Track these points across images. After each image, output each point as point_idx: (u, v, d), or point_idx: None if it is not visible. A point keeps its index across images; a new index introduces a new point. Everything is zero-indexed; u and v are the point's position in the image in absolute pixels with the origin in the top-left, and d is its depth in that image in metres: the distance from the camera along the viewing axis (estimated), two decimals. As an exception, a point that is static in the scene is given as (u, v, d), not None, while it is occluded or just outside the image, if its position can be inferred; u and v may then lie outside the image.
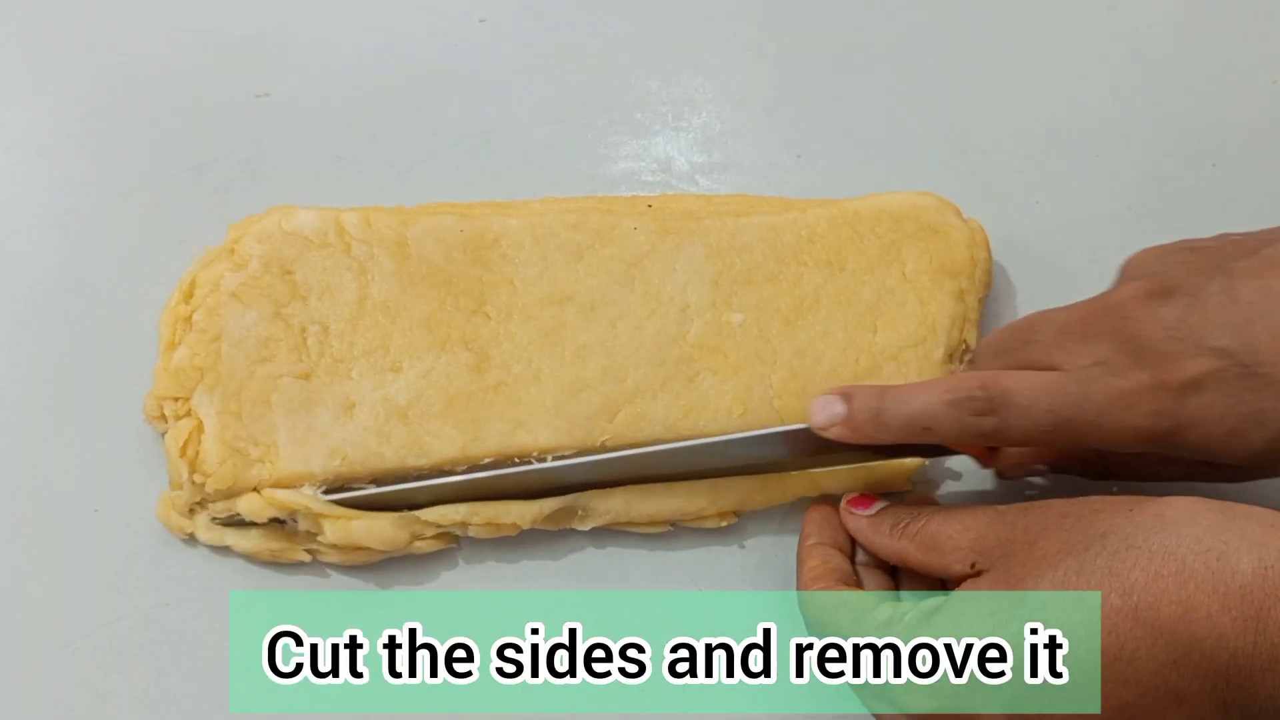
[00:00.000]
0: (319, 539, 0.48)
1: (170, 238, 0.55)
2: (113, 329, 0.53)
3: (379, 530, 0.47)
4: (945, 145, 0.59)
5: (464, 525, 0.48)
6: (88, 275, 0.54)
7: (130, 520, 0.49)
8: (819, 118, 0.60)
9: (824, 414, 0.44)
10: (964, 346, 0.52)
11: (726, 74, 0.61)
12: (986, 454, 0.47)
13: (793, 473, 0.50)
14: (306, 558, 0.48)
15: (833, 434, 0.44)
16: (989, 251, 0.54)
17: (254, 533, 0.48)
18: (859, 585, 0.45)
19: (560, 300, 0.51)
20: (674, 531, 0.50)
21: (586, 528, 0.49)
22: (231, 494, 0.48)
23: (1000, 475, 0.50)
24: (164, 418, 0.49)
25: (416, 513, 0.48)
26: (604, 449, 0.49)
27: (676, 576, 0.50)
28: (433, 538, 0.49)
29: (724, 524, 0.50)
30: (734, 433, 0.49)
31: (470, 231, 0.52)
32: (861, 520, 0.47)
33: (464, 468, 0.49)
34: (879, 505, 0.47)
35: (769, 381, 0.50)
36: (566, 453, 0.49)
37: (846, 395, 0.44)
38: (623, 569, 0.50)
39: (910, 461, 0.50)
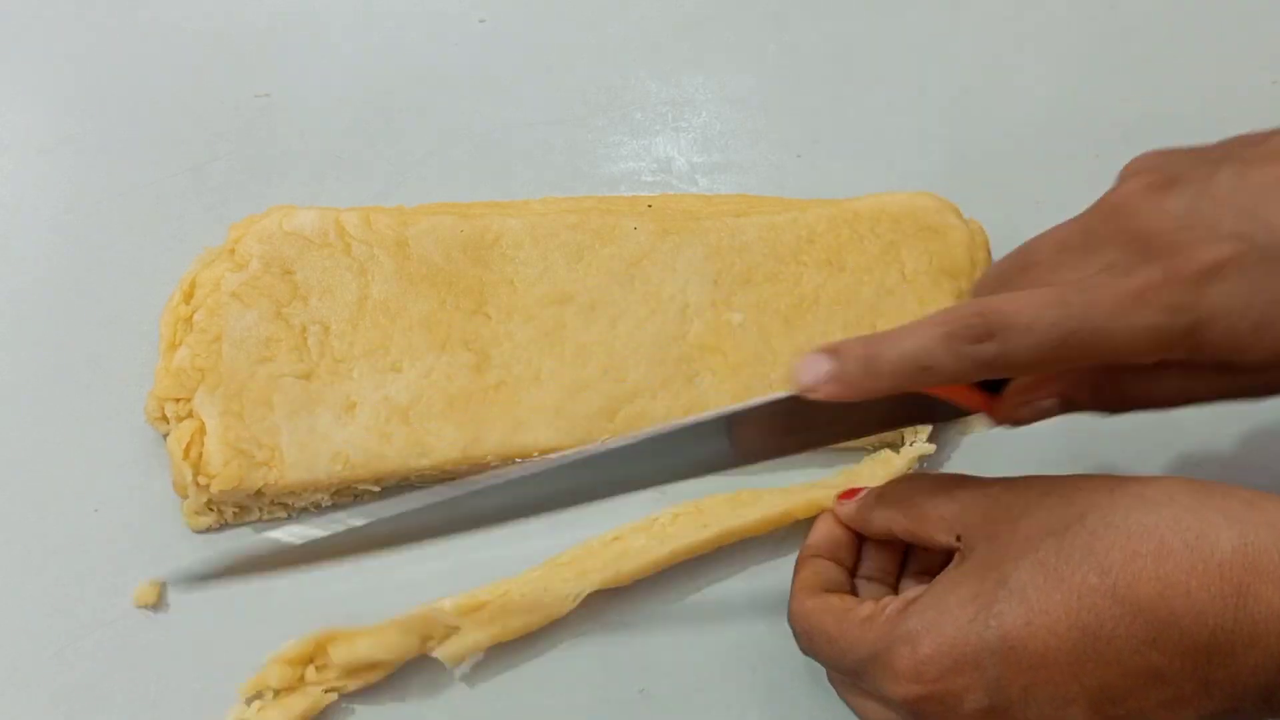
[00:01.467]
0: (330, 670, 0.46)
1: (170, 238, 0.55)
2: (113, 329, 0.53)
3: (386, 642, 0.46)
4: (945, 145, 0.59)
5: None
6: (88, 275, 0.54)
7: (130, 521, 0.49)
8: (819, 118, 0.60)
9: (810, 373, 0.38)
10: (964, 347, 0.52)
11: (726, 74, 0.61)
12: (991, 402, 0.42)
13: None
14: (331, 698, 0.46)
15: (823, 393, 0.38)
16: (988, 252, 0.54)
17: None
18: (853, 595, 0.45)
19: (560, 300, 0.51)
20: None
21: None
22: (236, 494, 0.48)
23: (1011, 421, 0.42)
24: (165, 419, 0.49)
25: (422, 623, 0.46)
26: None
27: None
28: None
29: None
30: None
31: (470, 231, 0.52)
32: (851, 505, 0.46)
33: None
34: (865, 492, 0.46)
35: (768, 381, 0.50)
36: (567, 452, 0.49)
37: (833, 350, 0.39)
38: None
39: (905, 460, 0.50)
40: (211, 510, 0.49)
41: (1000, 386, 0.41)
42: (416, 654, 0.46)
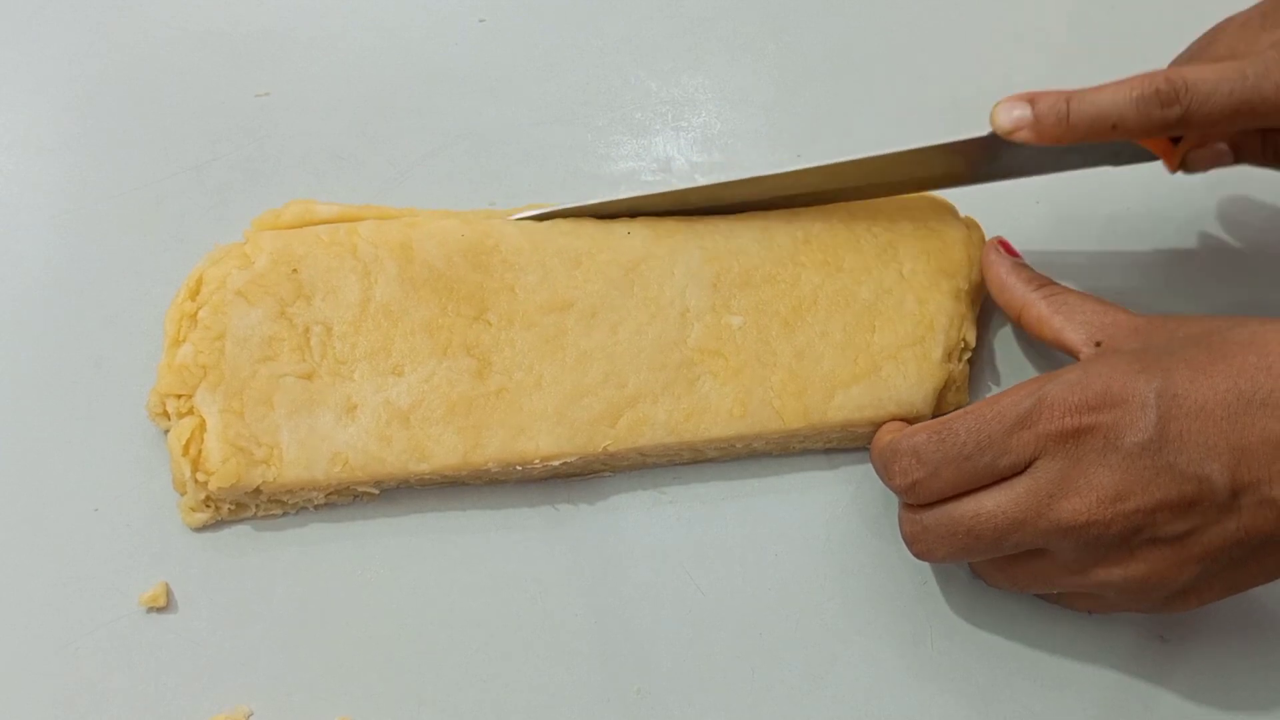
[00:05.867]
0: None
1: (170, 237, 0.55)
2: (113, 329, 0.53)
3: None
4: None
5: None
6: (88, 275, 0.54)
7: (130, 520, 0.49)
8: (819, 118, 0.60)
9: (1008, 117, 0.46)
10: (962, 345, 0.53)
11: (726, 74, 0.61)
12: (1170, 151, 0.49)
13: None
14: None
15: (1019, 137, 0.46)
16: None
17: None
18: None
19: (561, 307, 0.51)
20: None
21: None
22: (234, 491, 0.48)
23: (1187, 168, 0.51)
24: (167, 415, 0.49)
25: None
26: (605, 454, 0.49)
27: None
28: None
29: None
30: (736, 435, 0.50)
31: (472, 236, 0.52)
32: (1005, 260, 0.51)
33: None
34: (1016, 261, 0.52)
35: (769, 383, 0.50)
36: (569, 459, 0.49)
37: (1031, 99, 0.46)
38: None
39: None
40: (208, 507, 0.49)
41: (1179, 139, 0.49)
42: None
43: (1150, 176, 0.59)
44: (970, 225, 0.55)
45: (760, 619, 0.50)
